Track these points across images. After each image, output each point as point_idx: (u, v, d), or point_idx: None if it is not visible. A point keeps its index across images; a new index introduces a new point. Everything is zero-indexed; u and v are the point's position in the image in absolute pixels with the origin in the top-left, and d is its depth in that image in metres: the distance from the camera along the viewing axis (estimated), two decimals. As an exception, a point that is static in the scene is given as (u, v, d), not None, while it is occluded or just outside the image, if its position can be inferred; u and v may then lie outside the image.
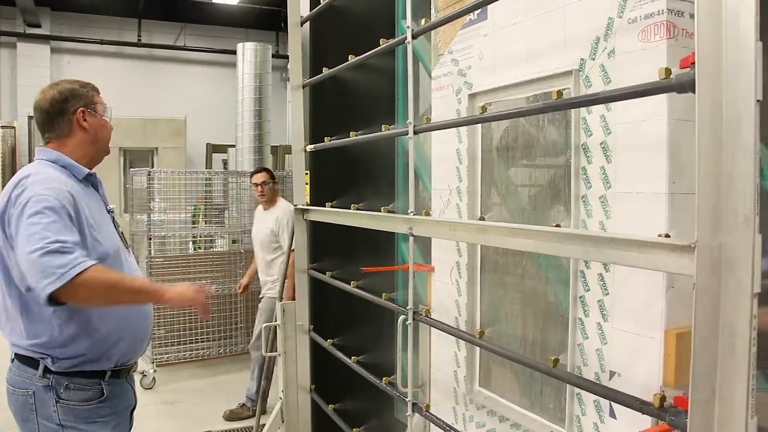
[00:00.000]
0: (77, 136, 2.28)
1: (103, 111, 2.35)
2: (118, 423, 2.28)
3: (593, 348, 2.03)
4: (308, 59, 3.48)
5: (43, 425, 2.13)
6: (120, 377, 2.27)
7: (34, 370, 2.13)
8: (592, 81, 2.02)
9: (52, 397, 2.12)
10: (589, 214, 2.05)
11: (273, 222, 5.24)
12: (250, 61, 8.06)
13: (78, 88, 2.30)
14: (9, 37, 14.22)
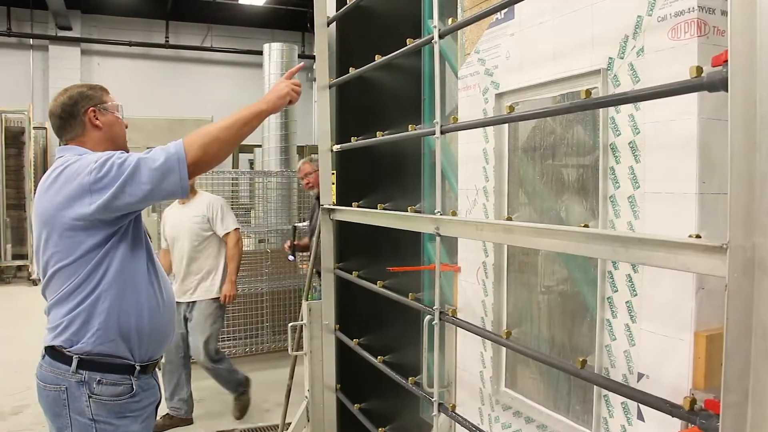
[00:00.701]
0: (92, 135, 2.34)
1: (114, 109, 2.39)
2: (146, 418, 2.33)
3: (621, 349, 2.01)
4: (335, 59, 3.49)
5: (76, 420, 2.16)
6: (147, 372, 2.31)
7: (67, 366, 2.16)
8: (621, 80, 2.00)
9: (85, 392, 2.16)
10: (617, 214, 2.04)
11: (204, 208, 4.92)
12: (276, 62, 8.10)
13: (86, 90, 2.37)
14: (41, 40, 14.50)
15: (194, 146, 2.11)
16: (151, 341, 2.28)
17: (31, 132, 11.71)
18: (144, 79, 15.17)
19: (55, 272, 2.19)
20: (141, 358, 2.26)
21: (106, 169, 2.09)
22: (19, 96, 13.78)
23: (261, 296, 6.66)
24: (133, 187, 2.07)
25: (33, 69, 14.66)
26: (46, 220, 2.19)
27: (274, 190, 7.02)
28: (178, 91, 15.40)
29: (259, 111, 2.27)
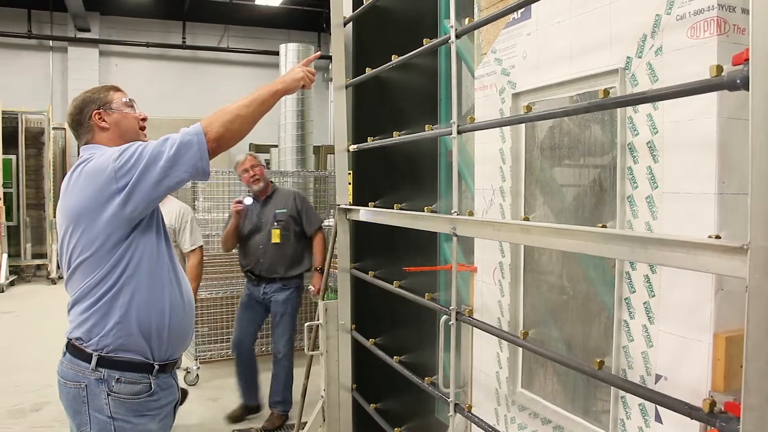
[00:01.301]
0: (101, 137, 2.39)
1: (121, 106, 2.43)
2: (165, 417, 2.34)
3: (638, 350, 2.00)
4: (351, 59, 3.50)
5: (95, 417, 2.18)
6: (166, 372, 2.33)
7: (87, 364, 2.19)
8: (639, 79, 1.99)
9: (104, 390, 2.18)
10: (635, 214, 2.02)
11: (173, 217, 4.49)
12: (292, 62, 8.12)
13: (90, 95, 2.43)
14: (60, 42, 14.65)
15: (215, 125, 2.16)
16: (170, 340, 2.30)
17: (51, 132, 11.84)
18: (161, 79, 15.28)
19: (78, 266, 2.22)
20: (160, 357, 2.28)
21: (128, 155, 2.14)
22: (39, 97, 13.94)
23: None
24: (154, 168, 2.11)
25: (52, 70, 14.81)
26: (71, 215, 2.22)
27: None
28: (195, 92, 15.50)
29: (275, 90, 2.34)
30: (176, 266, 2.39)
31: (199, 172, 2.15)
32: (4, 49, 14.34)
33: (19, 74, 14.32)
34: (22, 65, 14.48)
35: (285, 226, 4.99)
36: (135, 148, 2.15)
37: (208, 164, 2.15)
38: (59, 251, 2.33)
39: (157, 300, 2.25)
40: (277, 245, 4.99)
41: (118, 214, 2.14)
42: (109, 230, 2.16)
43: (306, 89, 2.55)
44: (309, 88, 2.52)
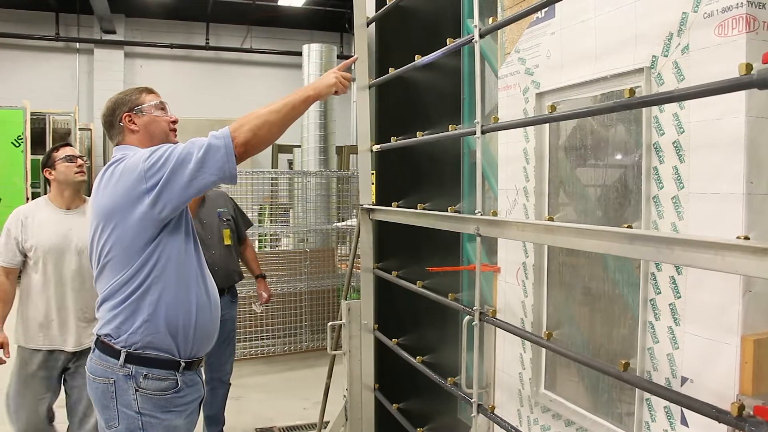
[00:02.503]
0: (131, 138, 2.42)
1: (151, 108, 2.45)
2: (190, 413, 2.37)
3: (664, 352, 1.98)
4: (374, 60, 3.50)
5: (123, 413, 2.21)
6: (191, 369, 2.35)
7: (116, 360, 2.22)
8: (665, 78, 1.97)
9: (132, 386, 2.21)
10: (660, 215, 2.01)
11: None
12: (315, 62, 8.15)
13: (122, 97, 2.46)
14: (87, 44, 14.86)
15: (243, 129, 2.15)
16: (196, 338, 2.32)
17: (77, 133, 11.99)
18: (185, 80, 15.42)
19: (107, 263, 2.25)
20: (186, 355, 2.30)
21: (157, 156, 2.16)
22: (66, 98, 14.16)
23: (300, 295, 6.72)
24: (182, 170, 2.12)
25: (79, 72, 15.02)
26: (101, 213, 2.25)
27: (313, 190, 7.06)
28: (218, 92, 15.62)
29: (306, 96, 2.31)
30: (203, 266, 2.41)
31: (226, 176, 2.15)
32: (33, 51, 14.60)
33: (47, 76, 14.56)
34: (50, 67, 14.72)
35: (231, 227, 4.45)
36: (164, 149, 2.17)
37: (236, 168, 2.15)
38: (89, 249, 2.36)
39: (184, 299, 2.28)
40: (228, 248, 4.38)
41: (147, 214, 2.17)
42: (138, 229, 2.19)
43: (339, 95, 2.51)
44: (344, 92, 2.48)
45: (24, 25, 14.33)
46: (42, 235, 3.39)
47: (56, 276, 3.39)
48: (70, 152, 3.51)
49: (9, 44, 14.32)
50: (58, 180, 3.46)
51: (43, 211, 3.47)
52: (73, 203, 3.52)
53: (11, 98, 11.75)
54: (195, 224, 4.12)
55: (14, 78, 14.21)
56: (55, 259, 3.38)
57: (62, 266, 3.40)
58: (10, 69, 14.34)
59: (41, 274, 3.38)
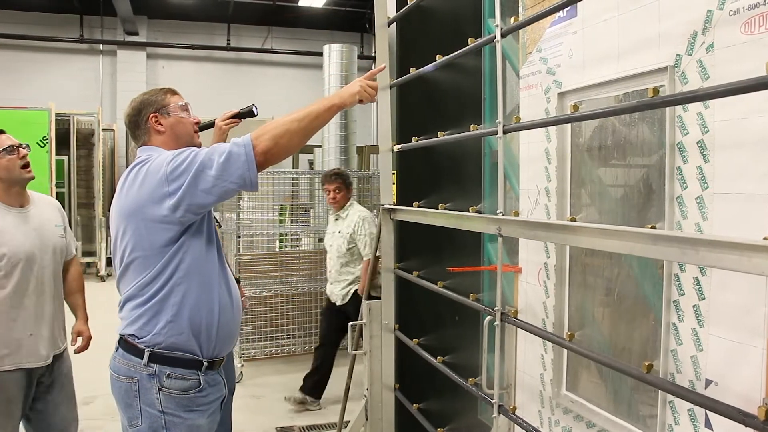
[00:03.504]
0: (156, 139, 2.43)
1: (177, 110, 2.46)
2: (213, 412, 2.38)
3: (687, 354, 1.96)
4: (395, 60, 3.50)
5: (146, 411, 2.24)
6: (213, 368, 2.37)
7: (139, 359, 2.24)
8: (689, 77, 1.95)
9: (155, 385, 2.23)
10: (684, 215, 1.99)
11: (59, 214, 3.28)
12: (336, 63, 8.16)
13: (148, 97, 2.46)
14: (110, 46, 15.04)
15: (264, 137, 2.14)
16: (219, 338, 2.34)
17: (101, 134, 12.11)
18: (206, 81, 15.53)
19: (130, 264, 2.27)
20: (208, 354, 2.32)
21: (180, 159, 2.16)
22: (90, 99, 14.33)
23: (320, 295, 6.72)
24: (203, 177, 2.12)
25: (102, 73, 15.19)
26: (125, 213, 2.27)
27: (334, 190, 7.06)
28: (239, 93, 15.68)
29: (331, 105, 2.28)
30: (224, 266, 2.43)
31: (247, 184, 2.14)
32: (58, 53, 14.81)
33: (72, 77, 14.76)
34: (74, 69, 14.92)
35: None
36: (188, 153, 2.18)
37: (256, 176, 2.14)
38: (113, 249, 2.37)
39: (207, 300, 2.29)
40: None
41: (168, 217, 2.18)
42: (160, 231, 2.21)
43: (365, 103, 2.46)
44: (371, 101, 2.44)
45: (49, 28, 14.53)
46: (13, 240, 2.92)
47: (35, 283, 2.99)
48: (10, 141, 2.98)
49: (35, 47, 14.54)
50: (0, 177, 2.95)
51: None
52: (24, 200, 3.06)
53: (37, 99, 11.91)
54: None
55: (40, 80, 14.42)
56: (33, 265, 2.97)
57: (41, 271, 3.01)
58: (36, 71, 14.55)
59: (14, 286, 2.91)
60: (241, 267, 6.37)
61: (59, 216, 3.25)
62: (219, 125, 2.91)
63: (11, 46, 14.41)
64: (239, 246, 6.40)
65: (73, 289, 3.34)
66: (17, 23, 14.27)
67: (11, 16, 14.27)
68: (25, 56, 14.55)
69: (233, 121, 2.93)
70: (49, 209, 3.22)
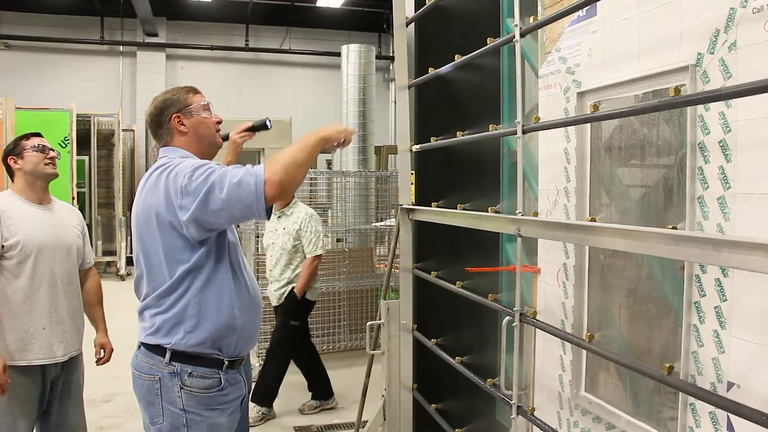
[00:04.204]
0: (179, 140, 2.43)
1: (200, 109, 2.45)
2: (233, 411, 2.39)
3: (709, 356, 1.94)
4: (413, 59, 3.50)
5: (168, 410, 2.25)
6: (234, 368, 2.37)
7: (161, 357, 2.25)
8: (711, 76, 1.94)
9: (177, 384, 2.24)
10: (705, 215, 1.97)
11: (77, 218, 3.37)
12: (354, 63, 8.18)
13: (170, 97, 2.45)
14: (130, 47, 15.18)
15: (276, 168, 2.10)
16: (239, 340, 2.34)
17: (120, 134, 12.23)
18: (225, 81, 15.61)
19: (147, 269, 2.28)
20: (230, 354, 2.32)
21: (197, 175, 2.14)
22: (110, 100, 14.47)
23: (339, 295, 6.74)
24: (213, 198, 2.10)
25: (122, 74, 15.33)
26: (143, 217, 2.27)
27: (351, 190, 7.09)
28: (258, 93, 15.78)
29: (320, 137, 2.27)
30: (244, 267, 2.43)
31: (254, 213, 2.12)
32: (79, 55, 14.98)
33: (92, 79, 14.92)
34: (95, 70, 15.08)
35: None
36: (204, 170, 2.15)
37: (264, 207, 2.10)
38: (134, 250, 2.37)
39: (227, 305, 2.29)
40: None
41: (182, 229, 2.18)
42: (176, 239, 2.21)
43: (342, 146, 2.47)
44: (345, 145, 2.45)
45: (71, 30, 14.70)
46: (30, 230, 2.99)
47: (49, 276, 3.03)
48: (41, 142, 3.15)
49: (57, 48, 14.72)
50: (25, 170, 3.07)
51: (16, 204, 3.04)
52: (45, 199, 3.15)
53: (59, 100, 12.05)
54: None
55: (61, 81, 14.59)
56: (46, 258, 3.02)
57: (54, 265, 3.05)
58: (57, 72, 14.73)
59: (28, 276, 2.97)
60: (259, 267, 6.38)
61: (78, 221, 3.33)
62: (233, 138, 2.89)
63: (34, 48, 14.60)
64: (258, 246, 6.42)
65: (93, 302, 3.37)
66: (39, 25, 14.46)
67: (33, 19, 14.46)
68: (47, 58, 14.74)
69: (247, 134, 2.92)
70: (69, 212, 3.33)
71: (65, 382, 3.15)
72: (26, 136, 3.15)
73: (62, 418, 3.15)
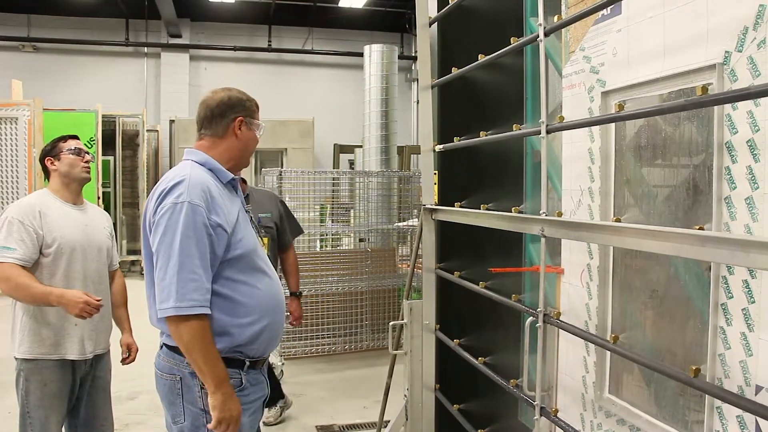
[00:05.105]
0: (228, 141, 2.41)
1: (257, 127, 2.48)
2: (254, 411, 2.39)
3: (736, 359, 1.92)
4: (436, 59, 3.50)
5: (188, 409, 2.26)
6: (256, 368, 2.37)
7: (182, 357, 2.24)
8: (739, 75, 1.91)
9: (198, 383, 2.23)
10: (732, 216, 1.94)
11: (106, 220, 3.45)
12: (376, 63, 8.18)
13: (245, 100, 2.46)
14: (154, 48, 15.34)
15: (183, 331, 2.14)
16: (261, 342, 2.34)
17: (145, 134, 12.35)
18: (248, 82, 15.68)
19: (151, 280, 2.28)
20: (252, 355, 2.32)
21: (162, 222, 2.19)
22: (135, 101, 14.66)
23: (361, 294, 6.76)
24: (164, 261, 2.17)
25: (147, 75, 15.50)
26: (145, 225, 2.30)
27: (374, 190, 7.10)
28: (280, 94, 15.86)
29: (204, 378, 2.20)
30: (266, 267, 2.42)
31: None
32: (104, 56, 15.19)
33: (117, 80, 15.11)
34: (121, 71, 15.27)
35: (272, 235, 4.12)
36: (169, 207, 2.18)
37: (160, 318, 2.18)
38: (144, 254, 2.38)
39: (249, 311, 2.28)
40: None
41: None
42: None
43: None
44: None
45: (96, 32, 14.92)
46: (65, 229, 3.06)
47: (81, 275, 3.09)
48: (78, 145, 3.22)
49: (83, 50, 14.95)
50: (60, 172, 3.15)
51: (52, 203, 3.12)
52: (78, 200, 3.23)
53: (85, 101, 12.22)
54: None
55: (88, 82, 14.80)
56: (79, 256, 3.09)
57: (86, 264, 3.12)
58: (83, 74, 14.95)
59: (63, 273, 3.03)
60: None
61: (107, 223, 3.41)
62: None
63: (61, 50, 14.84)
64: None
65: (118, 303, 3.42)
66: (66, 28, 14.68)
67: (60, 22, 14.69)
68: (73, 60, 14.96)
69: None
70: (99, 214, 3.42)
71: (94, 379, 3.21)
72: (63, 138, 3.23)
73: (90, 414, 3.22)
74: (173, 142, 13.73)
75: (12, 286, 2.90)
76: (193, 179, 2.23)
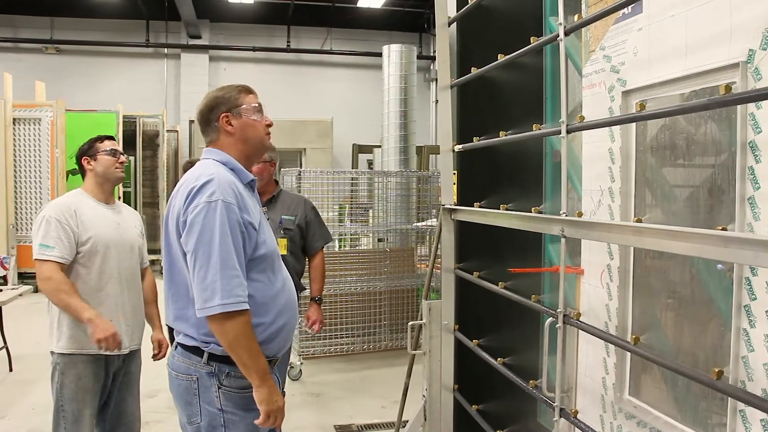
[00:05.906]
0: (224, 140, 2.41)
1: (250, 111, 2.42)
2: None
3: (760, 362, 1.89)
4: (455, 59, 3.49)
5: (205, 409, 2.26)
6: (270, 367, 2.36)
7: (199, 358, 2.26)
8: (763, 73, 1.89)
9: (215, 383, 2.25)
10: (756, 216, 1.92)
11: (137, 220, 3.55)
12: (395, 63, 8.17)
13: (222, 95, 2.42)
14: (174, 49, 15.48)
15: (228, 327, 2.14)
16: (278, 341, 2.35)
17: (165, 135, 12.46)
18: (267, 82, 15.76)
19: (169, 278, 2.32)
20: (267, 354, 2.30)
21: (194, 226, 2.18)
22: (155, 101, 14.82)
23: (380, 294, 6.77)
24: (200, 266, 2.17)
25: (167, 76, 15.65)
26: (166, 225, 2.32)
27: (393, 190, 7.10)
28: (299, 94, 15.93)
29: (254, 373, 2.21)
30: (280, 270, 2.42)
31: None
32: (125, 58, 15.37)
33: (138, 81, 15.27)
34: (141, 72, 15.43)
35: (291, 236, 4.10)
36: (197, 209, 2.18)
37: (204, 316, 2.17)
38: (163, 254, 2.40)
39: (264, 309, 2.29)
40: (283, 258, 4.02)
41: None
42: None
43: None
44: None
45: (118, 34, 15.09)
46: (99, 227, 3.14)
47: (116, 272, 3.17)
48: (114, 146, 3.30)
49: (104, 52, 15.14)
50: (96, 172, 3.23)
51: (87, 202, 3.20)
52: (111, 199, 3.32)
53: (106, 102, 12.36)
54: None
55: (109, 83, 14.97)
56: (113, 254, 3.16)
57: (120, 262, 3.19)
58: (105, 75, 15.13)
59: (98, 270, 3.11)
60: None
61: (138, 222, 3.50)
62: None
63: (83, 51, 15.04)
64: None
65: (149, 299, 3.48)
66: (88, 30, 14.87)
67: (82, 24, 14.87)
68: (95, 61, 15.14)
69: None
70: (130, 213, 3.52)
71: (125, 374, 3.28)
72: (100, 138, 3.30)
73: (121, 409, 3.29)
74: (193, 143, 13.84)
75: (51, 288, 2.97)
76: (222, 178, 2.25)
